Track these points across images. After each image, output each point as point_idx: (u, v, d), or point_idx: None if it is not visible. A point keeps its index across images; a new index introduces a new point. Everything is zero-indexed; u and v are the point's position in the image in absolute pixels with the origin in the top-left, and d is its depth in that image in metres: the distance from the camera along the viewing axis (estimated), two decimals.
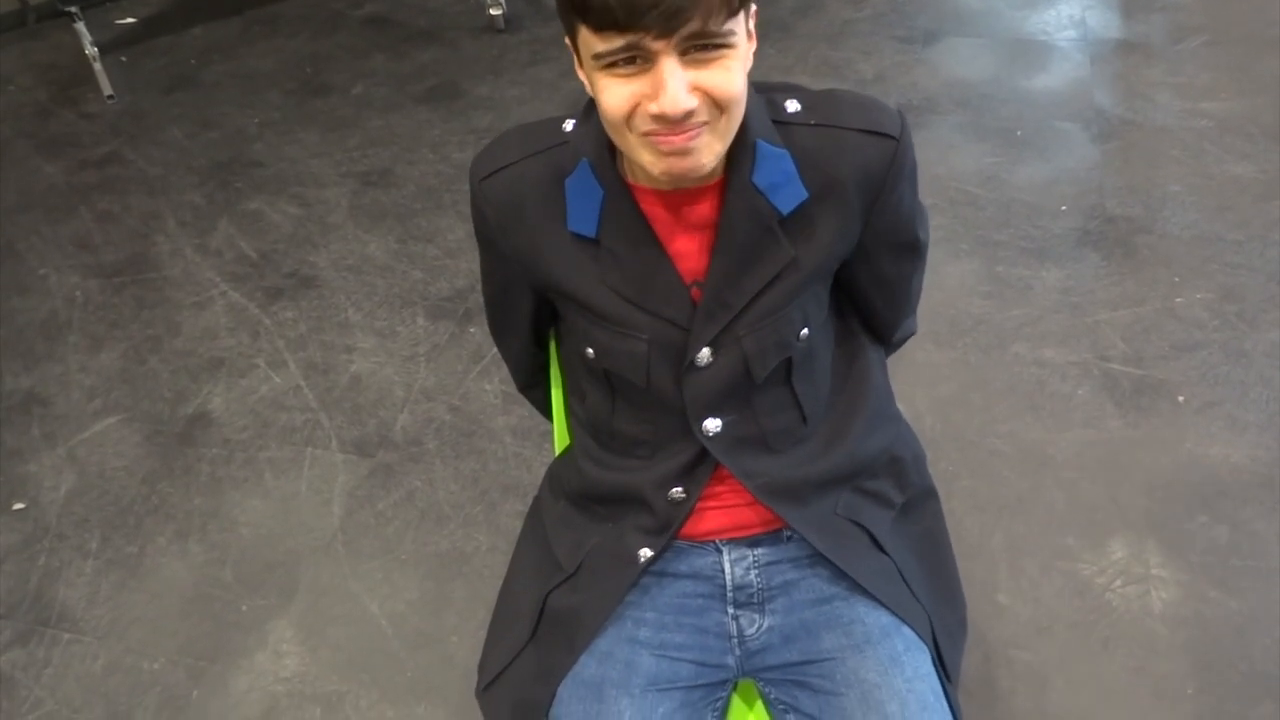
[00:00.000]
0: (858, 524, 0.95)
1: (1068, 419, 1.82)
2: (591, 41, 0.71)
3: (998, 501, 1.69)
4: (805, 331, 0.88)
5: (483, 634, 1.05)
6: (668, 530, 0.94)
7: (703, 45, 0.70)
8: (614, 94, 0.72)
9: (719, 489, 0.95)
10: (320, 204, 2.67)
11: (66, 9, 3.15)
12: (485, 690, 0.97)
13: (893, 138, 0.84)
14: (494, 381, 2.03)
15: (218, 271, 2.46)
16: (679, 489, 0.93)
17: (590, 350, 0.90)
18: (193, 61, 3.47)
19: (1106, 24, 3.12)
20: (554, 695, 0.90)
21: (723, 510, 0.95)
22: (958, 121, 2.70)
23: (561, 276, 0.88)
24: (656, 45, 0.68)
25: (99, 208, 2.75)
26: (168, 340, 2.26)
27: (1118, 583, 1.55)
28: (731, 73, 0.72)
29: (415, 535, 1.76)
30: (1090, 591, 1.54)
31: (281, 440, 1.97)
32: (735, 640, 0.95)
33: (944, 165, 2.53)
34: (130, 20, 3.76)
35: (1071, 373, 1.92)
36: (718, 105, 0.72)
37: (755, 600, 0.95)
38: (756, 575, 0.95)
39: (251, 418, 2.03)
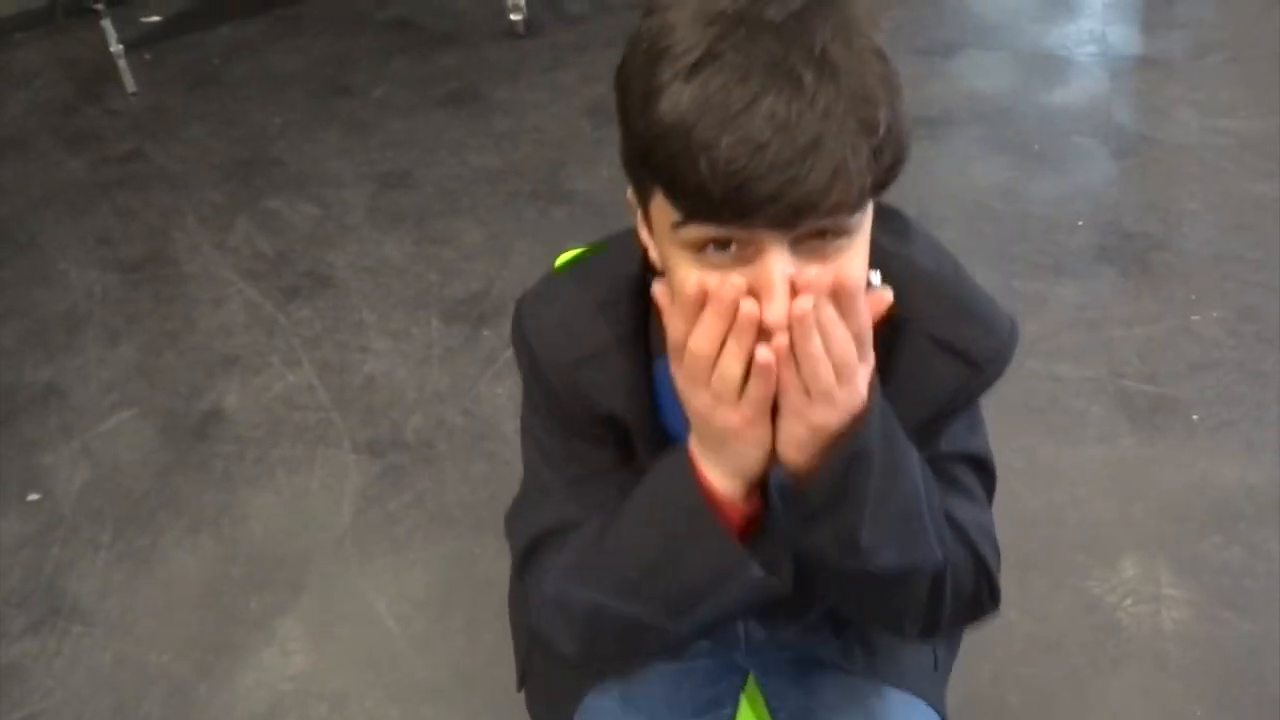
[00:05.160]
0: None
1: (1081, 435, 1.81)
2: (674, 215, 0.57)
3: (1009, 517, 1.67)
4: None
5: (489, 636, 1.05)
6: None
7: (821, 233, 0.56)
8: (697, 282, 0.58)
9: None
10: (339, 204, 2.69)
11: (93, 6, 3.19)
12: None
13: (975, 364, 0.72)
14: (506, 385, 2.04)
15: (235, 269, 2.48)
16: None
17: None
18: (216, 60, 3.50)
19: (1127, 39, 3.11)
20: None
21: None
22: (976, 135, 2.69)
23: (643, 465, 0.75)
24: (765, 236, 0.55)
25: (120, 203, 2.77)
26: (184, 336, 2.28)
27: (1128, 601, 1.54)
28: (854, 265, 0.58)
29: (425, 536, 1.76)
30: (1100, 609, 1.53)
31: (294, 438, 1.98)
32: (743, 644, 0.95)
33: (961, 178, 2.53)
34: (155, 18, 3.79)
35: (1085, 389, 1.91)
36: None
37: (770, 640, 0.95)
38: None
39: (265, 415, 2.05)
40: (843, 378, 0.59)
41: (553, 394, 0.76)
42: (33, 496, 1.92)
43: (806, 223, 0.55)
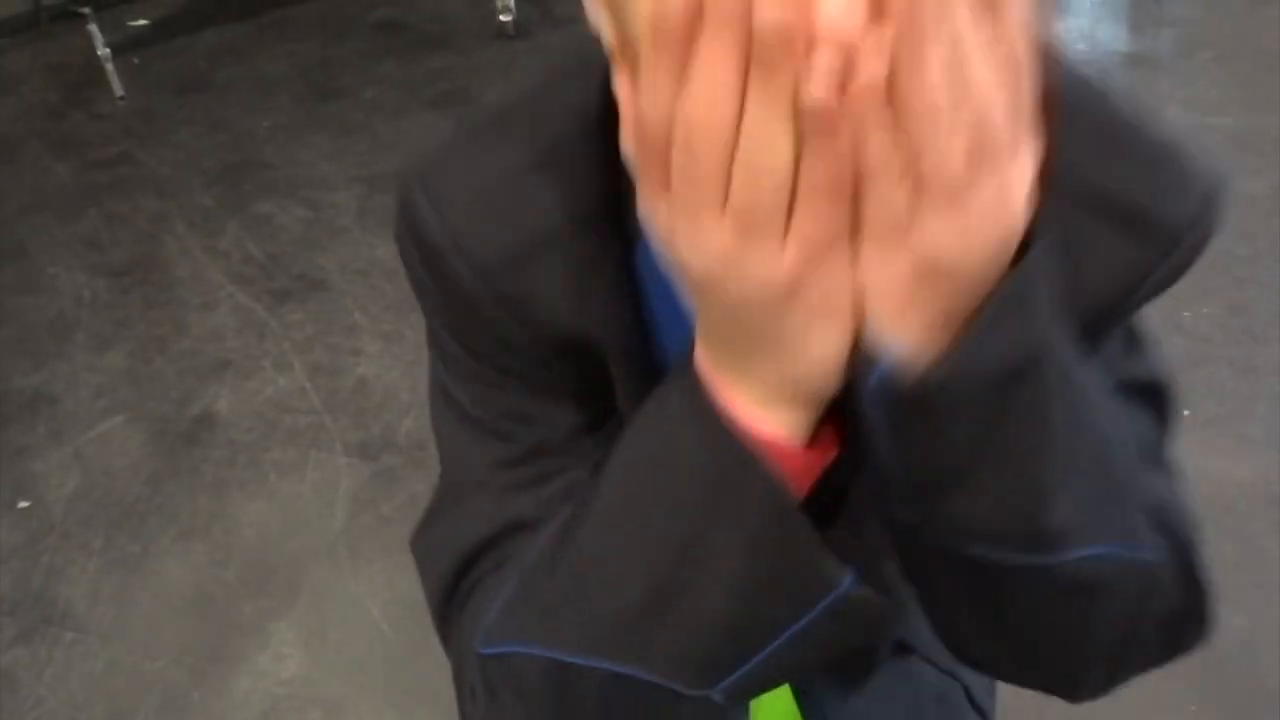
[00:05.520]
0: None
1: None
2: None
3: None
4: None
5: None
6: None
7: None
8: None
9: None
10: (329, 207, 2.68)
11: (79, 10, 3.17)
12: None
13: (1156, 237, 0.43)
14: None
15: (225, 273, 2.47)
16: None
17: None
18: (204, 64, 3.48)
19: (1115, 37, 3.12)
20: None
21: None
22: None
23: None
24: None
25: (108, 208, 2.76)
26: (174, 341, 2.27)
27: None
28: None
29: None
30: None
31: (286, 442, 1.98)
32: None
33: None
34: (142, 22, 3.78)
35: None
36: None
37: None
38: None
39: (256, 419, 2.04)
40: (985, 150, 0.28)
41: (474, 317, 0.46)
42: (22, 504, 1.90)
43: None
